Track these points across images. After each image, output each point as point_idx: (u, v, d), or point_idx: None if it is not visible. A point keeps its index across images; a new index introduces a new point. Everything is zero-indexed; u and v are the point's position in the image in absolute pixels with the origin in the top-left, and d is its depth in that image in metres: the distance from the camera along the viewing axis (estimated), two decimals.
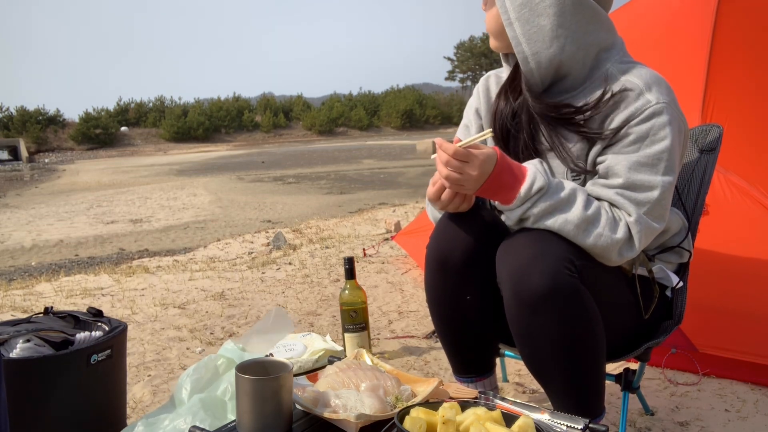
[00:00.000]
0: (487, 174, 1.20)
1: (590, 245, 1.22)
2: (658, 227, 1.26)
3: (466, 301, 1.40)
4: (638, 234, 1.23)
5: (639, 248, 1.25)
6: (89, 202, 12.36)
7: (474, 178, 1.19)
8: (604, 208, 1.24)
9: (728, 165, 2.09)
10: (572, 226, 1.21)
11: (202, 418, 1.41)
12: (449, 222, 1.37)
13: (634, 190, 1.24)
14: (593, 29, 1.28)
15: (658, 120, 1.23)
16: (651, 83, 1.26)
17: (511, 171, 1.23)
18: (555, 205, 1.21)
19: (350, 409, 1.15)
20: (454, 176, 1.20)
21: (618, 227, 1.22)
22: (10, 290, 3.76)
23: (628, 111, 1.25)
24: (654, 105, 1.23)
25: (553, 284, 1.18)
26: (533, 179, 1.22)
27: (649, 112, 1.23)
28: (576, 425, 1.12)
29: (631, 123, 1.24)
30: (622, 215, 1.24)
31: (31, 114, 39.37)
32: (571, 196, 1.23)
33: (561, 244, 1.22)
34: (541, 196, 1.21)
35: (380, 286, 3.29)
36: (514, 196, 1.22)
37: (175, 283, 3.67)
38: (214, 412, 1.44)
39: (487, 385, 1.55)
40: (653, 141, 1.23)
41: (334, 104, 47.31)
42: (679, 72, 2.45)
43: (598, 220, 1.22)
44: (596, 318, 1.25)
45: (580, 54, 1.28)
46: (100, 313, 1.69)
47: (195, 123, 41.54)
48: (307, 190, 12.69)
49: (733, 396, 1.85)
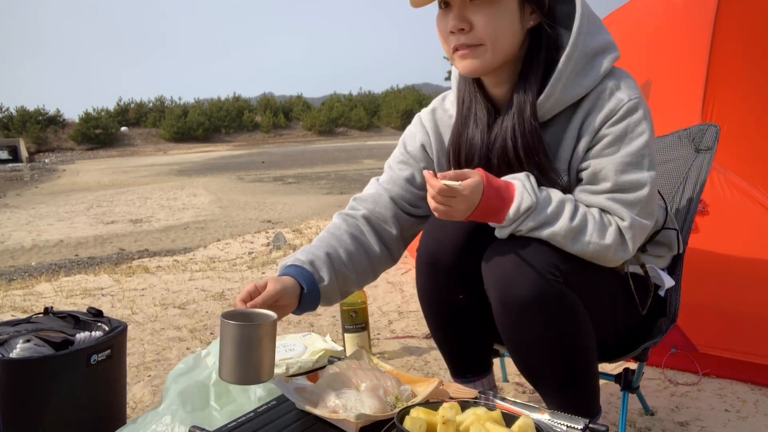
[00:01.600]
0: (475, 203, 1.19)
1: (580, 253, 1.22)
2: (649, 224, 1.26)
3: (458, 301, 1.40)
4: (632, 237, 1.23)
5: (634, 249, 1.25)
6: (89, 202, 12.36)
7: (462, 210, 1.19)
8: (592, 214, 1.23)
9: (728, 165, 2.08)
10: (560, 237, 1.21)
11: (182, 417, 1.39)
12: (439, 222, 1.36)
13: (625, 192, 1.23)
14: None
15: (633, 117, 1.22)
16: (620, 81, 1.25)
17: (499, 194, 1.21)
18: (543, 221, 1.21)
19: (350, 409, 1.15)
20: (441, 209, 1.19)
21: (606, 233, 1.22)
22: (10, 290, 3.77)
23: (603, 112, 1.24)
24: (627, 102, 1.22)
25: (538, 291, 1.18)
26: (520, 200, 1.20)
27: (623, 110, 1.22)
28: (576, 425, 1.12)
29: (607, 124, 1.23)
30: (613, 220, 1.23)
31: (31, 114, 39.40)
32: (558, 210, 1.21)
33: (545, 249, 1.21)
34: (529, 214, 1.21)
35: (380, 286, 3.29)
36: (503, 217, 1.21)
37: (175, 283, 3.67)
38: (193, 402, 1.42)
39: (485, 385, 1.54)
40: (631, 139, 1.22)
41: (334, 104, 47.34)
42: (679, 72, 2.45)
43: (585, 229, 1.21)
44: (584, 320, 1.25)
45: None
46: (100, 313, 1.69)
47: (195, 123, 41.57)
48: (307, 190, 12.70)
49: (733, 396, 1.85)
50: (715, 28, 2.35)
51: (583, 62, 1.24)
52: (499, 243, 1.26)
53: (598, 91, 1.25)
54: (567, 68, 1.23)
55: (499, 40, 1.21)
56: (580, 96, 1.25)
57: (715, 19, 2.37)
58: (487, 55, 1.23)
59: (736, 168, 2.09)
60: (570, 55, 1.22)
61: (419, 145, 1.46)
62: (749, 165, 2.13)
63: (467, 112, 1.36)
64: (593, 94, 1.25)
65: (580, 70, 1.24)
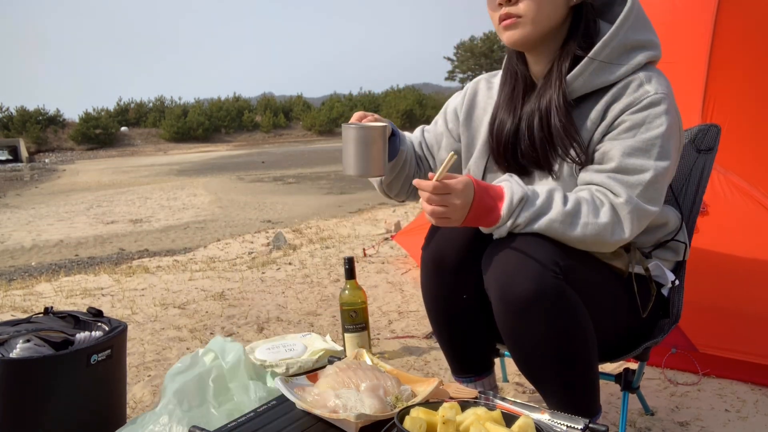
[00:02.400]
0: (470, 200, 1.20)
1: (581, 236, 1.22)
2: (652, 210, 1.26)
3: (462, 300, 1.41)
4: (629, 215, 1.23)
5: (632, 229, 1.24)
6: (89, 202, 12.37)
7: (459, 207, 1.20)
8: (583, 198, 1.25)
9: (728, 165, 2.08)
10: (558, 223, 1.22)
11: (179, 417, 1.39)
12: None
13: (626, 174, 1.25)
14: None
15: (655, 109, 1.25)
16: (651, 75, 1.28)
17: (488, 193, 1.23)
18: (537, 211, 1.22)
19: (350, 409, 1.15)
20: (439, 210, 1.20)
21: (600, 212, 1.23)
22: (10, 290, 3.77)
23: (627, 100, 1.27)
24: (652, 95, 1.25)
25: (539, 288, 1.19)
26: (511, 192, 1.23)
27: (647, 101, 1.25)
28: (576, 425, 1.12)
29: (628, 111, 1.26)
30: (606, 200, 1.24)
31: (31, 114, 39.40)
32: (549, 198, 1.24)
33: (545, 246, 1.22)
34: (524, 205, 1.22)
35: (380, 286, 3.29)
36: (498, 215, 1.23)
37: (175, 283, 3.67)
38: (191, 399, 1.42)
39: (486, 385, 1.55)
40: (648, 128, 1.25)
41: (334, 104, 47.32)
42: (679, 72, 2.45)
43: (579, 211, 1.23)
44: (585, 318, 1.25)
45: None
46: (100, 313, 1.69)
47: (195, 123, 41.57)
48: (307, 190, 12.70)
49: (733, 396, 1.85)
50: (715, 28, 2.35)
51: (619, 51, 1.29)
52: (498, 242, 1.27)
53: (627, 81, 1.29)
54: (602, 53, 1.28)
55: (541, 11, 1.28)
56: (609, 82, 1.30)
57: (715, 19, 2.37)
58: (528, 27, 1.30)
59: (736, 168, 2.09)
60: (607, 42, 1.28)
61: (453, 108, 1.58)
62: (749, 165, 2.13)
63: (508, 88, 1.43)
64: (622, 83, 1.29)
65: (615, 59, 1.29)
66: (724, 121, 2.00)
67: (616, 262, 1.34)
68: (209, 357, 1.57)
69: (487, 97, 1.52)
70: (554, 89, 1.31)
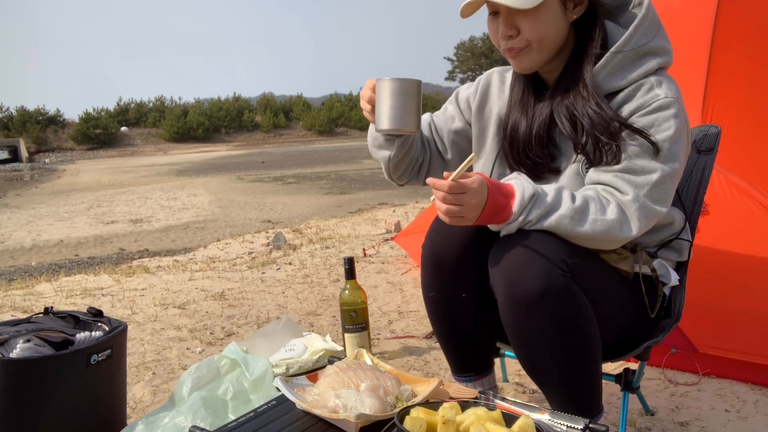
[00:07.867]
0: (484, 198, 1.21)
1: (590, 232, 1.23)
2: (659, 209, 1.27)
3: (461, 299, 1.41)
4: (636, 212, 1.24)
5: (639, 226, 1.25)
6: (89, 202, 12.36)
7: (473, 206, 1.20)
8: (590, 196, 1.26)
9: (728, 165, 2.09)
10: (567, 219, 1.23)
11: (203, 416, 1.41)
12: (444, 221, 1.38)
13: (633, 174, 1.26)
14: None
15: (664, 113, 1.26)
16: (662, 80, 1.30)
17: (500, 191, 1.24)
18: (547, 207, 1.23)
19: (350, 409, 1.15)
20: (454, 210, 1.20)
21: (607, 209, 1.24)
22: (10, 290, 3.77)
23: (637, 103, 1.28)
24: (662, 99, 1.26)
25: (546, 285, 1.19)
26: (522, 189, 1.24)
27: (656, 104, 1.26)
28: (576, 425, 1.12)
29: (637, 114, 1.28)
30: (612, 198, 1.26)
31: (31, 114, 39.41)
32: (558, 195, 1.25)
33: (552, 243, 1.22)
34: (534, 202, 1.23)
35: (380, 286, 3.29)
36: (509, 212, 1.23)
37: (175, 283, 3.67)
38: (215, 410, 1.44)
39: (486, 384, 1.55)
40: (657, 131, 1.26)
41: (334, 104, 47.34)
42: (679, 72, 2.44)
43: (587, 208, 1.24)
44: (590, 317, 1.25)
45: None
46: (100, 313, 1.69)
47: (195, 123, 41.58)
48: (307, 190, 12.70)
49: (733, 396, 1.85)
50: (715, 29, 2.35)
51: (631, 57, 1.31)
52: (505, 238, 1.27)
53: (638, 85, 1.30)
54: (614, 59, 1.30)
55: (545, 40, 1.31)
56: (620, 87, 1.31)
57: (715, 19, 2.37)
58: (534, 54, 1.33)
59: (736, 168, 2.09)
60: (620, 48, 1.30)
61: (466, 98, 1.58)
62: (749, 165, 2.13)
63: (519, 89, 1.44)
64: (633, 87, 1.30)
65: (627, 65, 1.31)
66: (724, 122, 2.01)
67: (621, 264, 1.34)
68: (225, 365, 1.61)
69: (500, 91, 1.52)
70: (564, 94, 1.33)
